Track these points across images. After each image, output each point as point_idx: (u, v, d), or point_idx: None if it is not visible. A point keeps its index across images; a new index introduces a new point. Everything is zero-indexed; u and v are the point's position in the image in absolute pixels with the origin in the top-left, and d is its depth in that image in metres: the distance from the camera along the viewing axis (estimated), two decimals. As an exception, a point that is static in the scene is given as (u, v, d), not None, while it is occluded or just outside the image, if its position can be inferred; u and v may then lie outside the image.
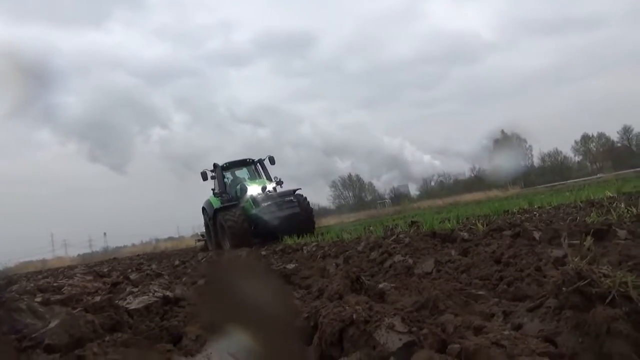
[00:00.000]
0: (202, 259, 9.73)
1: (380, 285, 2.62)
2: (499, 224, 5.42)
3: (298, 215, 14.85)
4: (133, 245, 50.60)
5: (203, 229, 21.33)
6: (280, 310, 2.12)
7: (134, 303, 2.85)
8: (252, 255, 7.89)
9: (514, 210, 8.77)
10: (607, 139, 59.83)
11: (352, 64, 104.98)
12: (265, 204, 14.67)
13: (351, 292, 2.21)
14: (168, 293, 3.27)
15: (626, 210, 5.04)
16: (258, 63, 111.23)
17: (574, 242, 3.15)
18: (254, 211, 14.90)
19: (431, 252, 4.01)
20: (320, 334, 1.43)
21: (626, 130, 58.96)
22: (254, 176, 17.82)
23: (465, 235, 4.70)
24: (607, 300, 1.12)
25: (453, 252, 3.84)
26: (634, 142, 59.40)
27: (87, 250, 50.63)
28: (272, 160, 17.55)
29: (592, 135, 59.92)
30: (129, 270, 8.09)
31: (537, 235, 3.69)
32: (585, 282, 1.19)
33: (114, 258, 26.06)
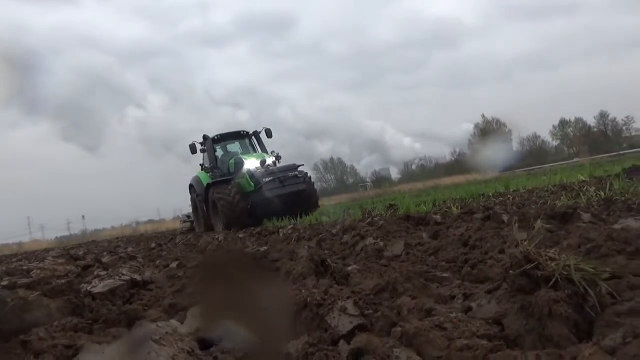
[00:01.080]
0: (180, 241, 9.66)
1: (349, 268, 2.63)
2: (472, 207, 5.49)
3: (303, 192, 13.03)
4: (112, 228, 50.13)
5: (185, 211, 20.69)
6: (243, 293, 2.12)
7: (99, 286, 2.82)
8: (229, 238, 7.86)
9: (490, 194, 8.88)
10: (584, 124, 60.88)
11: (333, 47, 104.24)
12: (266, 180, 12.73)
13: (315, 275, 2.21)
14: (136, 276, 3.24)
15: (595, 194, 5.15)
16: (238, 44, 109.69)
17: (543, 225, 3.20)
18: (251, 188, 13.07)
19: (403, 235, 4.04)
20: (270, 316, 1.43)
21: (602, 116, 60.06)
22: (248, 150, 15.84)
23: (438, 218, 4.75)
24: (551, 283, 1.13)
25: (424, 235, 3.87)
26: (609, 128, 60.58)
27: (66, 233, 49.95)
28: (269, 133, 15.74)
29: (570, 120, 60.89)
30: (105, 253, 8.00)
31: (505, 218, 3.74)
32: (532, 265, 1.20)
33: (92, 241, 25.78)
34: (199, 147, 15.68)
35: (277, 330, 1.44)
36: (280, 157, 14.56)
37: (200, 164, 16.00)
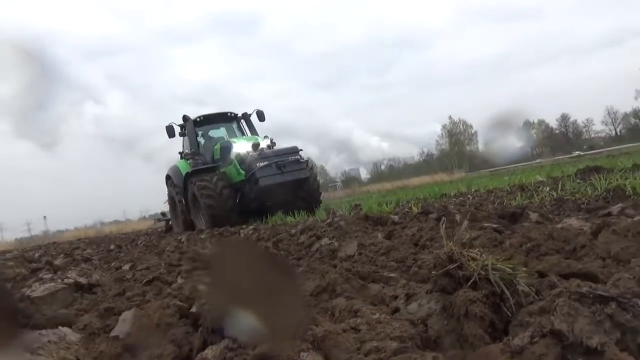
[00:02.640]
0: (141, 243, 9.45)
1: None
2: (430, 207, 5.56)
3: (306, 182, 10.73)
4: (76, 229, 48.68)
5: (153, 211, 19.17)
6: (182, 297, 2.07)
7: (39, 290, 2.71)
8: (192, 239, 7.73)
9: (452, 194, 9.04)
10: (547, 126, 62.82)
11: (301, 46, 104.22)
12: (260, 165, 10.18)
13: (259, 276, 2.17)
14: (81, 280, 3.13)
15: (548, 194, 5.29)
16: (204, 42, 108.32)
17: (489, 225, 3.26)
18: (241, 177, 10.70)
19: (359, 236, 4.05)
20: (202, 320, 1.39)
21: (564, 118, 62.13)
22: (236, 136, 13.17)
23: (396, 218, 4.78)
24: (469, 283, 1.14)
25: (379, 235, 3.89)
26: (570, 130, 62.72)
27: (26, 235, 48.25)
28: (261, 116, 13.09)
29: (533, 122, 62.68)
30: (62, 255, 7.74)
31: (458, 218, 3.79)
32: (455, 265, 1.21)
33: (53, 242, 25.00)
34: (177, 130, 13.15)
35: (206, 335, 1.40)
36: (274, 143, 11.45)
37: (179, 152, 13.52)
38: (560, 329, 0.93)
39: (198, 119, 12.94)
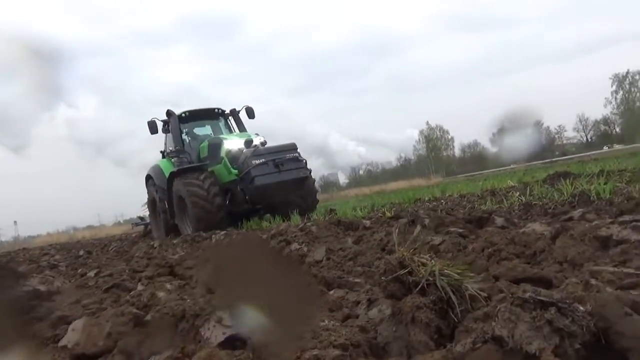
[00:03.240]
0: (112, 249, 9.25)
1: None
2: (407, 212, 5.60)
3: (305, 182, 9.96)
4: (48, 234, 47.41)
5: (128, 216, 18.24)
6: (140, 305, 2.01)
7: (-7, 299, 2.61)
8: (163, 245, 7.60)
9: (426, 199, 9.12)
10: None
11: (278, 51, 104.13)
12: (256, 163, 9.28)
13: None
14: (40, 287, 3.04)
15: (517, 198, 5.37)
16: (180, 44, 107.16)
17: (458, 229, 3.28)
18: (232, 176, 9.80)
19: (330, 240, 4.03)
20: (150, 329, 1.35)
21: (537, 124, 63.41)
22: (224, 133, 12.05)
23: (368, 223, 4.79)
24: (417, 289, 1.13)
25: (349, 240, 3.89)
26: (543, 136, 64.13)
27: (-5, 240, 46.83)
28: (250, 113, 12.11)
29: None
30: (28, 262, 7.51)
31: (427, 222, 3.81)
32: (405, 270, 1.20)
33: (24, 248, 24.26)
34: (160, 125, 11.91)
35: (153, 342, 1.36)
36: (266, 142, 10.56)
37: (160, 151, 12.49)
38: (500, 334, 0.93)
39: (183, 115, 11.92)
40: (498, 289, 1.27)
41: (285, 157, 9.50)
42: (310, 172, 10.29)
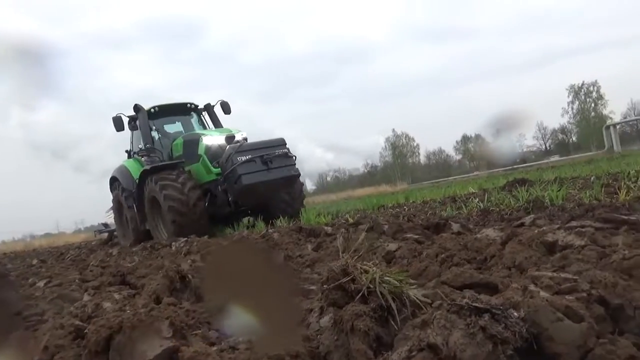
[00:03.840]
0: (68, 257, 8.93)
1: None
2: (370, 219, 5.61)
3: (295, 179, 9.08)
4: (3, 242, 45.40)
5: (88, 223, 17.24)
6: (83, 317, 1.93)
7: None
8: (122, 252, 7.39)
9: (389, 205, 9.20)
10: (483, 139, 65.81)
11: (244, 56, 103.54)
12: (241, 160, 8.27)
13: (170, 292, 2.08)
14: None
15: (476, 205, 5.49)
16: (143, 48, 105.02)
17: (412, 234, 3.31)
18: (211, 176, 8.97)
19: (290, 247, 4.01)
20: (86, 343, 1.29)
21: (498, 132, 65.29)
22: (196, 130, 11.05)
23: (329, 229, 4.79)
24: (358, 297, 1.12)
25: (309, 247, 3.87)
26: (510, 144, 65.98)
27: (-56, 249, 44.47)
28: (226, 108, 11.18)
29: (471, 136, 65.48)
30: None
31: (386, 228, 3.83)
32: (348, 278, 1.18)
33: (-26, 257, 23.18)
34: (126, 121, 10.69)
35: (90, 356, 1.30)
36: (247, 139, 9.38)
37: (126, 150, 11.39)
38: (435, 342, 0.92)
39: (153, 110, 10.75)
40: (440, 295, 1.27)
41: (274, 153, 8.52)
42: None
